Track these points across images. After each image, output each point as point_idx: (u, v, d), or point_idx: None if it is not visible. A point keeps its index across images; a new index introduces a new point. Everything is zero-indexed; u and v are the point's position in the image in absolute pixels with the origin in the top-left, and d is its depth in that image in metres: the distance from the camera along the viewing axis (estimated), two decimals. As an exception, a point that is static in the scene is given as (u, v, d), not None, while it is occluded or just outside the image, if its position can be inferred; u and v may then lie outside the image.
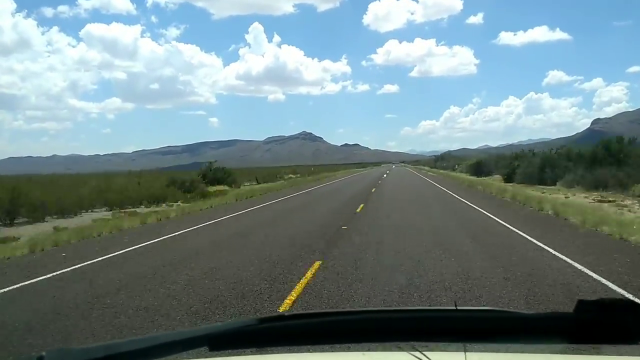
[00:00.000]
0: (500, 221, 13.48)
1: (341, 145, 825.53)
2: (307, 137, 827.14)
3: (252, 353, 1.35)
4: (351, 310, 1.66)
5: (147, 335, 1.41)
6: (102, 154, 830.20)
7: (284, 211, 18.98)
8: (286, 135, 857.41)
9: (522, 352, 1.30)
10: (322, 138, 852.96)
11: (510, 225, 12.61)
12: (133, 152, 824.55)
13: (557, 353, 1.35)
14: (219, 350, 1.17)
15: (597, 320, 1.03)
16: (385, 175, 57.59)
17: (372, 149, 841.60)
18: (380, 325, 1.15)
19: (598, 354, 1.34)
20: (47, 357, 1.03)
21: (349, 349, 1.83)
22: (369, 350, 1.51)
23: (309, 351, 1.62)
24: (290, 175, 64.48)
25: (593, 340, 1.08)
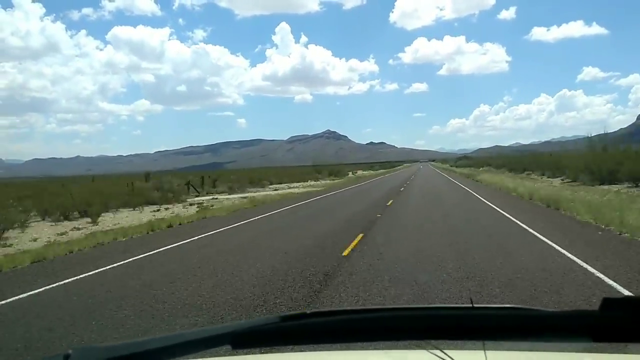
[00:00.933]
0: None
1: (366, 144, 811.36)
2: (332, 135, 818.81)
3: (274, 351, 1.46)
4: (372, 308, 1.55)
5: (170, 334, 1.19)
6: (124, 155, 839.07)
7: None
8: (310, 134, 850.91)
9: (544, 350, 1.32)
10: (346, 137, 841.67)
11: None
12: (155, 152, 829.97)
13: (580, 351, 1.37)
14: (241, 348, 1.19)
15: (623, 318, 1.02)
16: (407, 184, 38.72)
17: (398, 147, 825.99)
18: (401, 323, 1.15)
19: (624, 352, 1.34)
20: (74, 355, 1.05)
21: (366, 348, 1.76)
22: (387, 348, 1.55)
23: (330, 349, 1.61)
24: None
25: (618, 339, 1.06)
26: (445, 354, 1.17)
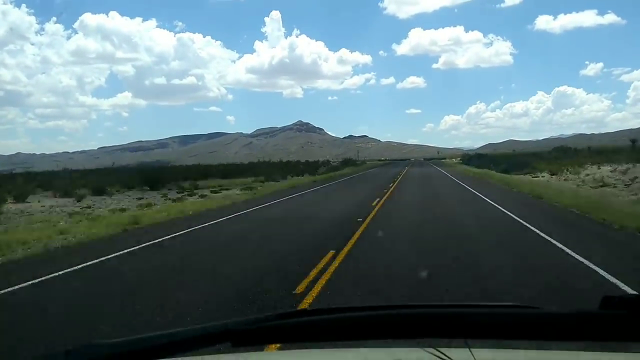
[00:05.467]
0: None
1: (344, 138, 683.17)
2: (303, 127, 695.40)
3: (269, 348, 1.48)
4: (371, 305, 1.39)
5: (171, 330, 1.20)
6: (70, 152, 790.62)
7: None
8: (278, 126, 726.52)
9: (543, 349, 1.31)
10: (322, 129, 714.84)
11: None
12: (98, 148, 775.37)
13: (581, 350, 1.36)
14: (242, 345, 1.19)
15: (623, 317, 1.02)
16: None
17: (382, 141, 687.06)
18: (400, 321, 1.15)
19: (624, 351, 1.34)
20: (74, 351, 1.05)
21: (363, 345, 1.68)
22: (384, 346, 1.54)
23: (327, 347, 1.60)
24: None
25: (618, 338, 1.07)
26: (440, 352, 1.18)
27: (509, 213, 14.81)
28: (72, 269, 8.49)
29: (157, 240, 11.41)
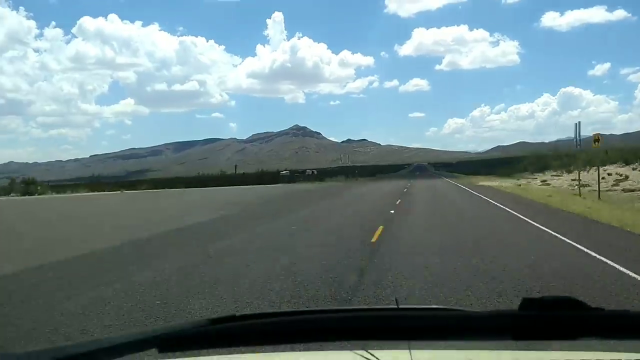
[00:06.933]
0: None
1: (342, 142, 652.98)
2: (300, 132, 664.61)
3: (204, 354, 1.37)
4: (302, 310, 1.61)
5: (95, 339, 1.39)
6: (64, 160, 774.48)
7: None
8: (274, 131, 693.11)
9: (469, 348, 1.33)
10: (320, 133, 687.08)
11: None
12: (90, 156, 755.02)
13: (501, 349, 1.39)
14: (168, 352, 1.16)
15: (540, 317, 1.06)
16: None
17: (383, 144, 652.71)
18: (328, 324, 1.16)
19: (542, 349, 1.37)
20: None
21: (295, 349, 1.77)
22: (313, 349, 1.55)
23: (254, 352, 1.58)
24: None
25: (536, 337, 1.10)
26: (371, 354, 1.17)
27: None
28: None
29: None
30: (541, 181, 45.43)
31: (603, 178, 27.90)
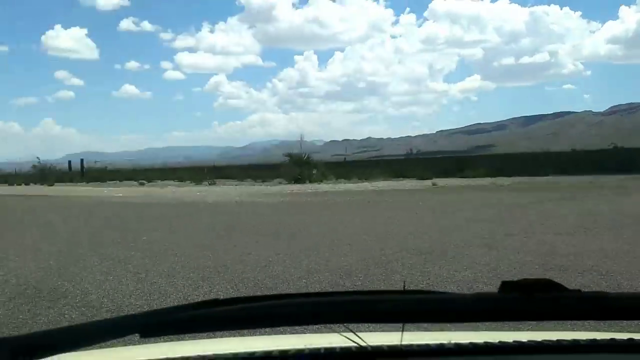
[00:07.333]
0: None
1: None
2: None
3: (188, 338, 1.33)
4: (288, 294, 1.26)
5: (74, 324, 1.21)
6: (413, 136, 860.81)
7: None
8: (638, 101, 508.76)
9: (450, 330, 1.36)
10: None
11: None
12: (437, 132, 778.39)
13: (483, 330, 1.43)
14: (151, 336, 1.10)
15: (518, 299, 1.06)
16: None
17: None
18: (317, 308, 1.12)
19: (522, 330, 1.39)
20: None
21: (277, 333, 1.78)
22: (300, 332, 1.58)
23: (243, 335, 1.55)
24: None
25: (517, 318, 1.10)
26: (358, 336, 1.16)
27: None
28: None
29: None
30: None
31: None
